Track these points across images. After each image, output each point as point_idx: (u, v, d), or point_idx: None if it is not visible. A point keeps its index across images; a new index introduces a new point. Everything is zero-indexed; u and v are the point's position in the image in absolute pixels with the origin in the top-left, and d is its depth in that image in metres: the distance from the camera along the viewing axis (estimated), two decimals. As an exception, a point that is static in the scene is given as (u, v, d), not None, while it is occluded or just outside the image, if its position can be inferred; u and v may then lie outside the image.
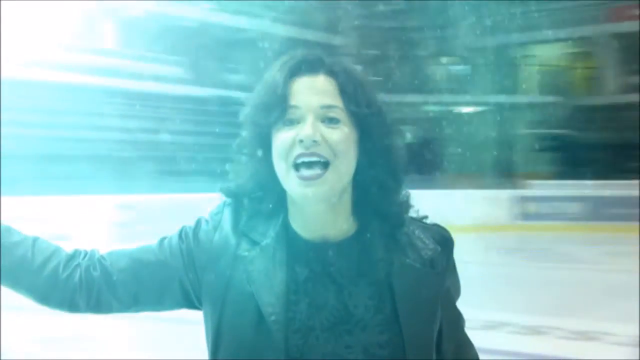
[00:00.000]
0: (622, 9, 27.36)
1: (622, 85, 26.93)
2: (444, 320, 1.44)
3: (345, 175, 1.38)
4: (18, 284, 1.44)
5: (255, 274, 1.38)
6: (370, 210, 1.42)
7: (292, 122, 1.37)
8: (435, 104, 28.79)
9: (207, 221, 1.47)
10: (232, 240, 1.42)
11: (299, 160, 1.35)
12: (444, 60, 30.64)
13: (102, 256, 1.47)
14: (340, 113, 1.38)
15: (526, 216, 20.26)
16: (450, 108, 29.69)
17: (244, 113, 1.44)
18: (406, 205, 1.45)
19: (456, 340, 1.49)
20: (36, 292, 1.44)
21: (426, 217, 1.48)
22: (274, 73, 1.42)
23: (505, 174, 23.42)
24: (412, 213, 1.47)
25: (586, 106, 27.06)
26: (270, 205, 1.43)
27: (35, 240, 1.45)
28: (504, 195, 20.61)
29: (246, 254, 1.40)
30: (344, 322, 1.37)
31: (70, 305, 1.45)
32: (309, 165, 1.35)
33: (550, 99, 27.31)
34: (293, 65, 1.41)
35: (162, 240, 1.48)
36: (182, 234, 1.47)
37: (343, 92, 1.39)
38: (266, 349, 1.34)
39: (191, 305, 1.47)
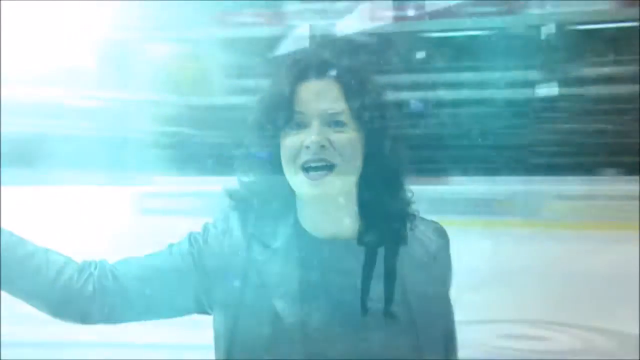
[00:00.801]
0: (227, 15, 29.05)
1: (229, 87, 28.67)
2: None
3: (352, 176, 1.42)
4: (33, 296, 1.34)
5: (270, 276, 1.39)
6: (376, 208, 1.46)
7: (299, 127, 1.40)
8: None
9: (214, 226, 1.45)
10: (243, 243, 1.41)
11: (307, 165, 1.38)
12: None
13: (113, 265, 1.39)
14: (346, 117, 1.41)
15: (149, 212, 20.47)
16: (64, 101, 28.71)
17: (252, 116, 1.45)
18: (409, 202, 1.49)
19: (448, 329, 1.52)
20: (51, 303, 1.35)
21: (418, 212, 1.51)
22: (280, 78, 1.43)
23: (125, 169, 23.38)
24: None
25: (197, 105, 28.20)
26: (279, 206, 1.44)
27: (47, 250, 1.35)
28: (127, 191, 20.56)
29: (259, 257, 1.41)
30: (360, 318, 1.40)
31: (84, 316, 1.37)
32: (316, 168, 1.38)
33: (163, 97, 27.89)
34: (298, 70, 1.43)
35: (170, 246, 1.44)
36: (191, 240, 1.43)
37: (348, 96, 1.42)
38: (285, 349, 1.36)
39: (202, 310, 1.44)
